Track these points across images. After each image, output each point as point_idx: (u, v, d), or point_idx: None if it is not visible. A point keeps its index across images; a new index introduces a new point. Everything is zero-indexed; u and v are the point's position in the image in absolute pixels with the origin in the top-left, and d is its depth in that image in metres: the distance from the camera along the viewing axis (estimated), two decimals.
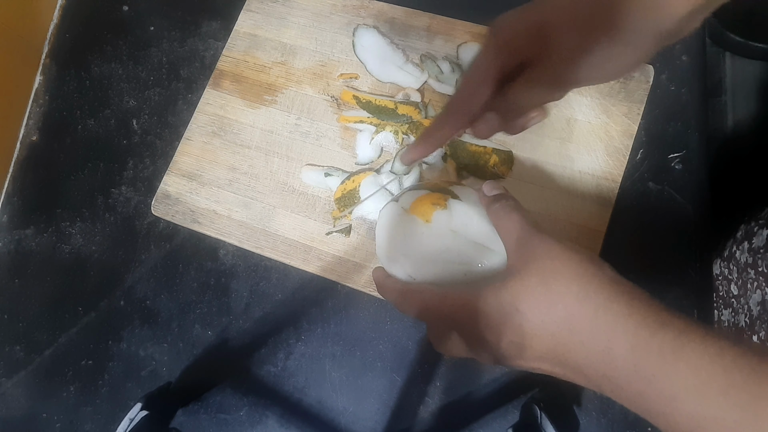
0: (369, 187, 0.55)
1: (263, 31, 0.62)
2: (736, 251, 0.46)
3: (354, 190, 0.55)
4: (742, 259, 0.45)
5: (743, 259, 0.45)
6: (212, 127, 0.60)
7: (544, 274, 0.29)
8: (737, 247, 0.46)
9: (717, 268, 0.49)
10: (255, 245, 0.56)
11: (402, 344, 0.53)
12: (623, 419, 0.49)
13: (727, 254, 0.47)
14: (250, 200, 0.57)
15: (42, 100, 0.67)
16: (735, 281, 0.46)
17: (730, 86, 0.55)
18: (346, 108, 0.58)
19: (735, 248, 0.47)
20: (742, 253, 0.46)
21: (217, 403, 0.55)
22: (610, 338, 0.27)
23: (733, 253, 0.47)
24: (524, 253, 0.31)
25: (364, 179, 0.55)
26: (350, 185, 0.55)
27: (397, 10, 0.60)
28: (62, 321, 0.60)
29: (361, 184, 0.55)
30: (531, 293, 0.29)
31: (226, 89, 0.61)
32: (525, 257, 0.31)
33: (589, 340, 0.27)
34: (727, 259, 0.48)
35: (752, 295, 0.44)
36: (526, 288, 0.29)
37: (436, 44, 0.58)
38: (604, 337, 0.27)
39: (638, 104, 0.53)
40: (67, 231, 0.62)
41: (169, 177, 0.59)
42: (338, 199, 0.55)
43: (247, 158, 0.58)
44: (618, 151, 0.52)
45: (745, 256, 0.45)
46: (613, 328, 0.27)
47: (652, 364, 0.26)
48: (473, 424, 0.51)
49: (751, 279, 0.44)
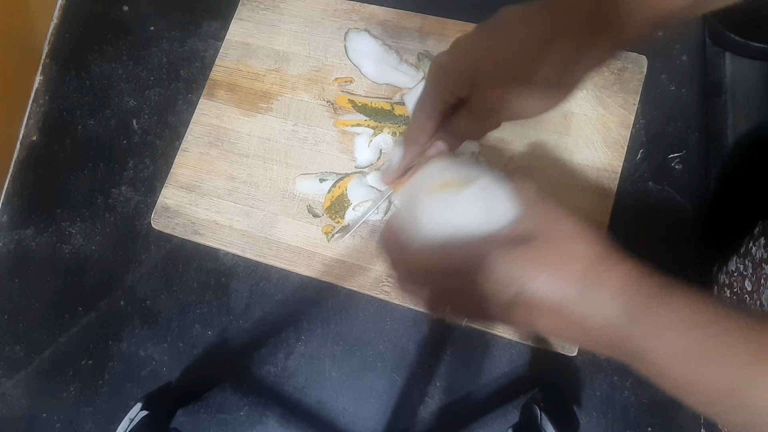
0: (356, 190, 0.55)
1: (255, 39, 0.62)
2: (753, 247, 0.47)
3: (342, 195, 0.55)
4: (758, 255, 0.46)
5: (759, 255, 0.45)
6: (209, 137, 0.60)
7: (560, 240, 0.31)
8: (754, 243, 0.47)
9: (732, 265, 0.49)
10: (258, 254, 0.55)
11: (402, 344, 0.53)
12: (623, 419, 0.49)
13: (744, 251, 0.48)
14: (251, 209, 0.57)
15: (42, 100, 0.67)
16: (749, 277, 0.47)
17: (730, 86, 0.55)
18: (342, 112, 0.58)
19: (752, 244, 0.47)
20: (758, 249, 0.46)
21: (217, 403, 0.55)
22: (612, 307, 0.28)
23: (750, 249, 0.47)
24: (539, 218, 0.33)
25: (350, 182, 0.55)
26: (337, 191, 0.55)
27: (388, 13, 0.60)
28: (62, 321, 0.60)
29: (348, 187, 0.55)
30: (546, 255, 0.31)
31: (221, 99, 0.61)
32: (540, 221, 0.33)
33: (594, 303, 0.29)
34: (743, 255, 0.48)
35: (765, 290, 0.44)
36: (544, 249, 0.31)
37: (429, 44, 0.58)
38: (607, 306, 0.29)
39: (633, 95, 0.53)
40: (67, 231, 0.62)
41: (167, 189, 0.59)
42: (328, 208, 0.55)
43: (246, 167, 0.58)
44: (616, 142, 0.53)
45: (761, 252, 0.45)
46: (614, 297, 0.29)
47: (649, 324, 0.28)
48: (473, 424, 0.51)
49: (765, 274, 0.44)
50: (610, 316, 0.28)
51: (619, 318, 0.28)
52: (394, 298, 0.52)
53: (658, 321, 0.27)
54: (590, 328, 0.29)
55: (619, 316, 0.28)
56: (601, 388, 0.50)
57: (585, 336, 0.30)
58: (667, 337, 0.27)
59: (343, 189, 0.55)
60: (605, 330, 0.29)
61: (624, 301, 0.28)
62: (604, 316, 0.28)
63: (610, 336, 0.29)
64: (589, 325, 0.29)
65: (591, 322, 0.29)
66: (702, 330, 0.26)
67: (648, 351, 0.27)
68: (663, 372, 0.28)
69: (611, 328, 0.29)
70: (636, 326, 0.28)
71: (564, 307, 0.29)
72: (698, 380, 0.26)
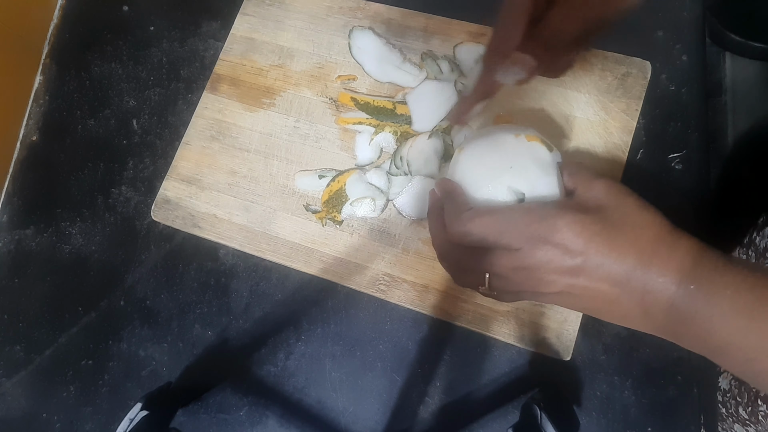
0: (355, 185, 0.55)
1: (260, 35, 0.62)
2: (756, 237, 0.47)
3: (340, 190, 0.55)
4: (761, 245, 0.46)
5: (763, 245, 0.46)
6: (211, 131, 0.60)
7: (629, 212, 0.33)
8: (758, 233, 0.47)
9: (736, 255, 0.49)
10: (256, 249, 0.56)
11: (402, 344, 0.53)
12: (623, 419, 0.49)
13: (747, 240, 0.48)
14: (251, 203, 0.57)
15: (42, 100, 0.67)
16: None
17: (730, 86, 0.55)
18: (344, 110, 0.58)
19: (756, 234, 0.47)
20: (763, 239, 0.46)
21: (217, 403, 0.55)
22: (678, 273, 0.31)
23: (753, 239, 0.47)
24: (604, 192, 0.33)
25: (349, 178, 0.55)
26: (336, 186, 0.55)
27: (393, 11, 0.60)
28: (62, 321, 0.60)
29: (347, 182, 0.55)
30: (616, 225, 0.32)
31: (224, 93, 0.61)
32: (606, 195, 0.33)
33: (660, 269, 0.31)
34: (746, 245, 0.48)
35: None
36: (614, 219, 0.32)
37: (433, 44, 0.58)
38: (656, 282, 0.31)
39: (636, 100, 0.53)
40: (67, 231, 0.62)
41: (168, 182, 0.59)
42: (326, 202, 0.55)
43: (247, 162, 0.58)
44: (617, 148, 0.53)
45: (765, 242, 0.45)
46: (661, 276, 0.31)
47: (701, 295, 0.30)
48: (473, 424, 0.51)
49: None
50: (673, 281, 0.30)
51: (683, 281, 0.30)
52: (391, 297, 0.53)
53: (718, 281, 0.29)
54: (649, 294, 0.31)
55: (683, 279, 0.30)
56: (601, 388, 0.50)
57: (637, 306, 0.31)
58: (723, 296, 0.29)
59: (342, 184, 0.55)
60: (663, 295, 0.30)
61: (689, 265, 0.30)
62: (667, 281, 0.30)
63: (666, 302, 0.30)
64: (649, 291, 0.31)
65: (653, 288, 0.30)
66: (754, 292, 0.28)
67: (701, 312, 0.29)
68: (711, 332, 0.29)
69: (671, 292, 0.30)
70: (696, 286, 0.29)
71: (630, 273, 0.30)
72: (745, 337, 0.28)
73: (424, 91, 0.57)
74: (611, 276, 0.31)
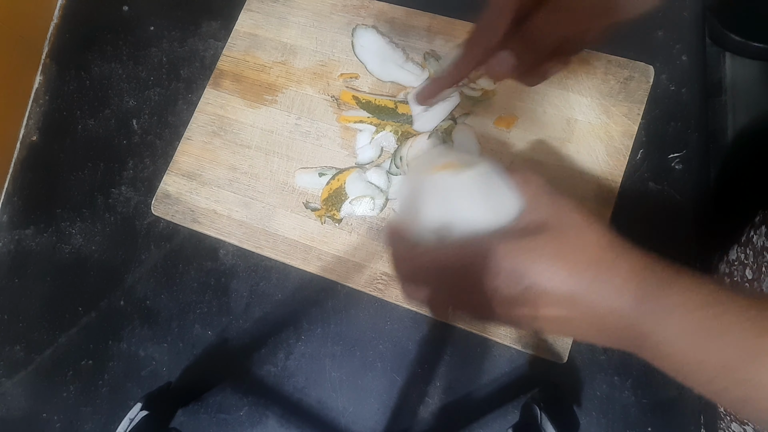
0: (355, 184, 0.55)
1: (263, 31, 0.62)
2: (754, 236, 0.47)
3: (340, 188, 0.55)
4: (759, 244, 0.46)
5: (760, 243, 0.46)
6: (212, 126, 0.60)
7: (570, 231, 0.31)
8: (755, 232, 0.47)
9: (733, 254, 0.49)
10: (255, 245, 0.56)
11: (402, 344, 0.53)
12: (623, 419, 0.49)
13: (745, 239, 0.48)
14: (250, 200, 0.57)
15: (42, 100, 0.67)
16: (750, 266, 0.47)
17: (730, 86, 0.55)
18: (346, 108, 0.58)
19: (753, 233, 0.47)
20: (760, 237, 0.46)
21: (217, 403, 0.55)
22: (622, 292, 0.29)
23: (751, 237, 0.47)
24: (547, 210, 0.32)
25: (349, 176, 0.55)
26: (335, 184, 0.55)
27: (397, 10, 0.60)
28: (62, 321, 0.60)
29: (347, 181, 0.55)
30: (557, 246, 0.31)
31: (227, 89, 0.61)
32: (548, 213, 0.32)
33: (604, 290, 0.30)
34: (744, 244, 0.48)
35: (766, 278, 0.44)
36: (555, 240, 0.31)
37: (437, 44, 0.58)
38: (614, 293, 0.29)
39: (638, 104, 0.53)
40: (67, 231, 0.62)
41: (169, 176, 0.59)
42: (325, 200, 0.55)
43: (247, 158, 0.58)
44: (618, 152, 0.52)
45: (762, 240, 0.45)
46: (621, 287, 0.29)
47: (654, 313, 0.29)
48: (473, 424, 0.51)
49: (766, 263, 0.44)
50: (619, 302, 0.29)
51: (629, 302, 0.29)
52: (389, 296, 0.53)
53: (665, 302, 0.28)
54: (598, 316, 0.30)
55: (628, 300, 0.29)
56: (601, 388, 0.50)
57: (590, 326, 0.30)
58: (672, 317, 0.28)
59: (342, 182, 0.55)
60: (612, 316, 0.29)
61: (634, 285, 0.29)
62: (614, 302, 0.29)
63: (616, 322, 0.29)
64: (597, 312, 0.30)
65: (600, 309, 0.29)
66: (705, 310, 0.27)
67: (653, 333, 0.28)
68: (667, 353, 0.28)
69: (619, 313, 0.29)
70: (644, 308, 0.28)
71: (575, 296, 0.30)
72: (701, 358, 0.27)
73: None
74: (558, 301, 0.30)
